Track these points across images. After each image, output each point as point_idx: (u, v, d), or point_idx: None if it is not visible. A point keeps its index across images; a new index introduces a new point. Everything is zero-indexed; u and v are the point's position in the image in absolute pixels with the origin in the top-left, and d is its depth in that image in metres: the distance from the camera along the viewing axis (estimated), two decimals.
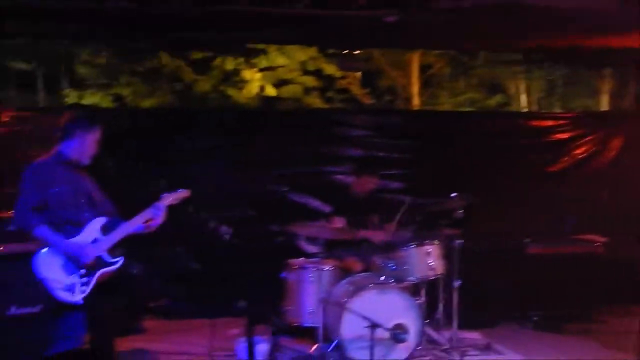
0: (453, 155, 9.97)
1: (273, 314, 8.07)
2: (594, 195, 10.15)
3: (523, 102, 14.26)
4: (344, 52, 9.33)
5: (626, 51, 9.36)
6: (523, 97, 14.29)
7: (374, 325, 6.50)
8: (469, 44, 10.82)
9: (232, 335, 7.85)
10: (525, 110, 13.98)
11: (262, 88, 12.18)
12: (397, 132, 10.14)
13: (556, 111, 13.69)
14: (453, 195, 7.85)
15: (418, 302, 7.33)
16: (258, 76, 12.09)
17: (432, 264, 7.64)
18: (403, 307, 7.10)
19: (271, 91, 12.24)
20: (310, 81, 12.87)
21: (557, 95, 14.28)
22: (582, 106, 13.91)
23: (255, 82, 12.03)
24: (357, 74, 13.73)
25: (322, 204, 9.45)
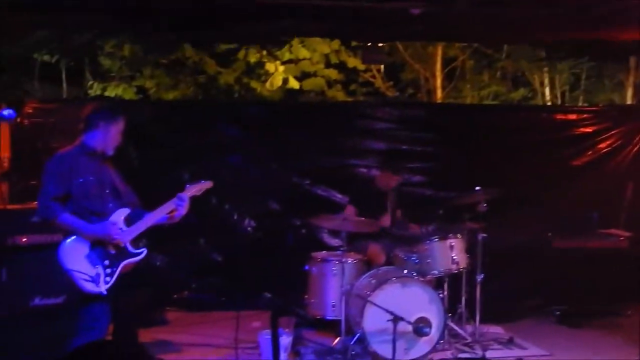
0: (476, 148, 9.92)
1: (296, 307, 8.09)
2: (618, 189, 10.06)
3: (547, 96, 14.17)
4: (368, 45, 9.27)
5: None
6: (547, 91, 14.20)
7: (397, 318, 6.50)
8: (494, 37, 10.77)
9: (255, 327, 7.85)
10: (549, 103, 13.88)
11: (286, 81, 12.16)
12: (421, 125, 10.11)
13: (580, 105, 13.58)
14: (477, 188, 7.83)
15: (441, 296, 7.32)
16: (281, 69, 12.08)
17: (455, 258, 7.62)
18: (426, 301, 7.09)
19: (294, 84, 12.22)
20: (333, 74, 12.85)
21: (582, 88, 14.17)
22: (607, 100, 13.80)
23: (278, 75, 12.01)
24: (380, 67, 13.67)
25: (345, 197, 9.45)
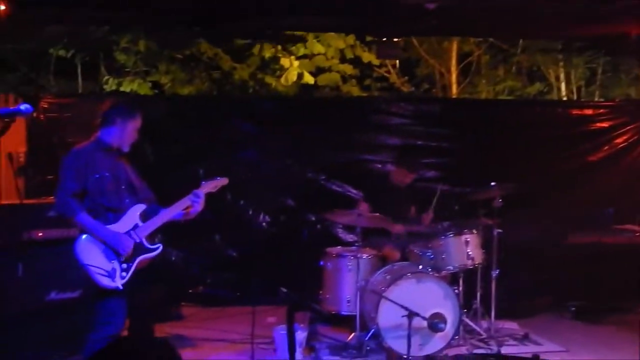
0: (492, 143, 9.90)
1: (311, 302, 8.09)
2: (635, 184, 10.02)
3: (563, 91, 14.10)
4: (383, 40, 9.24)
5: None
6: (563, 86, 14.13)
7: (412, 314, 6.50)
8: (509, 31, 10.72)
9: (270, 323, 7.87)
10: (564, 98, 13.82)
11: (300, 76, 12.14)
12: (436, 121, 10.09)
13: (596, 99, 13.51)
14: (492, 184, 7.82)
15: (456, 292, 7.30)
16: (296, 64, 12.05)
17: (471, 253, 7.61)
18: (441, 297, 7.09)
19: (309, 79, 12.19)
20: (348, 69, 12.82)
21: (598, 83, 14.09)
22: (623, 94, 13.72)
23: (293, 70, 11.98)
24: (395, 62, 13.63)
25: (360, 193, 9.45)
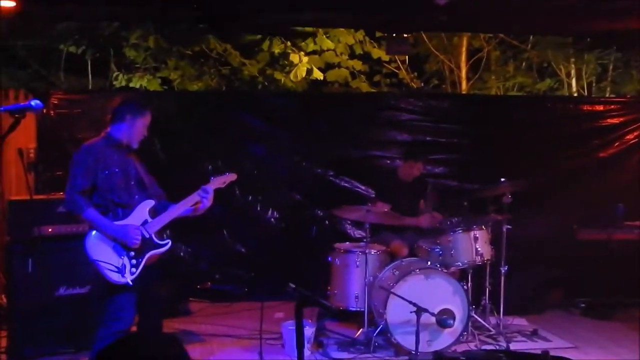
0: (501, 140, 9.87)
1: (319, 298, 8.09)
2: None
3: (573, 87, 14.05)
4: (392, 36, 9.22)
5: None
6: (573, 82, 14.08)
7: (420, 310, 6.50)
8: (519, 27, 10.70)
9: (278, 318, 7.88)
10: (575, 94, 13.77)
11: (310, 72, 12.13)
12: (445, 117, 10.07)
13: (607, 96, 13.46)
14: (501, 180, 7.79)
15: (464, 288, 7.30)
16: (305, 60, 12.04)
17: (479, 250, 7.60)
18: (449, 293, 7.10)
19: (318, 75, 12.18)
20: (357, 65, 12.80)
21: (609, 79, 14.03)
22: (634, 91, 13.66)
23: (302, 66, 11.97)
24: (405, 58, 13.60)
25: (368, 189, 9.45)
